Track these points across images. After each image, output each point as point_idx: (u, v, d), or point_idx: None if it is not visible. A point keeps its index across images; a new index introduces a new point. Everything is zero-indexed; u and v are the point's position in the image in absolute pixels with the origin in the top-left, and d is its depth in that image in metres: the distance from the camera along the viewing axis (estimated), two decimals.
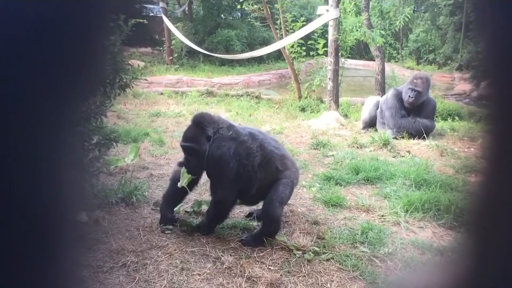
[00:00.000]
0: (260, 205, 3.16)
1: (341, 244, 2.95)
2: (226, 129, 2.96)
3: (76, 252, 0.46)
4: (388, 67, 10.16)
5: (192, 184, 3.16)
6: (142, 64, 9.80)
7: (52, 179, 0.42)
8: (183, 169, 3.02)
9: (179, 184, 3.03)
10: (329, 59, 7.79)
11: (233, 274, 2.55)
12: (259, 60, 14.78)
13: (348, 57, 9.14)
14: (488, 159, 0.42)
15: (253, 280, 2.50)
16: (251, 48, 13.88)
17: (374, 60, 9.03)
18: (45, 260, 0.42)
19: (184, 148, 2.98)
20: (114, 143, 3.32)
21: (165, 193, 3.25)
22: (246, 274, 2.54)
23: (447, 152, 5.22)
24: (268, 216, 2.93)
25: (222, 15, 16.64)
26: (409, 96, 6.01)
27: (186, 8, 16.23)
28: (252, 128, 3.20)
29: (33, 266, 0.41)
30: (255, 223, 3.23)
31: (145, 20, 3.69)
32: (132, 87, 3.41)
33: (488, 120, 0.41)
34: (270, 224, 2.93)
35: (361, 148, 5.54)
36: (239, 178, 2.94)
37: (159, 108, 7.79)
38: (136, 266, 2.58)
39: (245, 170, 2.93)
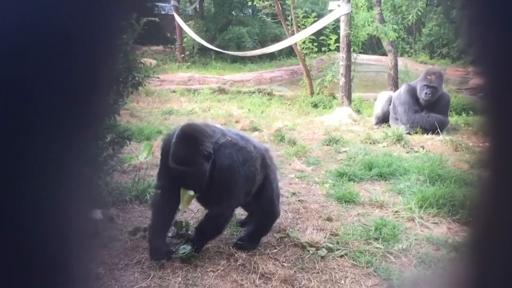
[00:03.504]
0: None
1: (354, 241, 2.94)
2: (222, 138, 2.66)
3: (92, 249, 0.46)
4: (401, 61, 10.07)
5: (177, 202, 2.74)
6: (154, 62, 9.87)
7: (67, 177, 0.42)
8: (183, 189, 2.61)
9: (181, 207, 2.70)
10: (341, 55, 7.74)
11: (247, 271, 2.56)
12: (271, 56, 14.74)
13: (360, 52, 9.07)
14: (488, 155, 0.42)
15: (267, 277, 2.50)
16: (263, 44, 13.86)
17: (386, 55, 8.95)
18: (61, 258, 0.43)
19: (182, 173, 2.53)
20: (127, 141, 3.34)
21: (151, 223, 2.76)
22: (259, 271, 2.54)
23: (462, 147, 5.16)
24: (270, 215, 2.90)
25: (233, 12, 16.60)
26: (426, 93, 5.94)
27: (197, 6, 16.24)
28: (226, 129, 2.98)
29: (49, 264, 0.41)
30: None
31: (157, 18, 3.70)
32: (145, 85, 3.43)
33: (483, 111, 0.41)
34: (272, 222, 2.93)
35: (374, 143, 5.51)
36: (246, 185, 2.73)
37: (171, 106, 7.82)
38: (150, 263, 2.60)
39: (251, 175, 2.73)
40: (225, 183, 2.63)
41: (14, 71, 0.36)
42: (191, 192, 2.61)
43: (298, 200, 3.61)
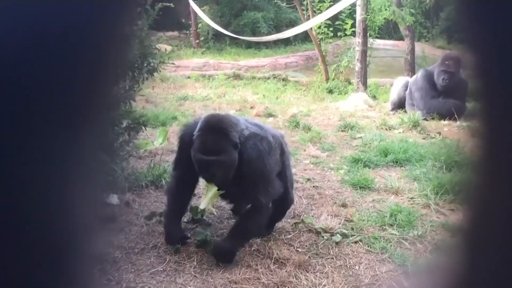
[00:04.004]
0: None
1: (369, 227, 2.93)
2: (246, 129, 2.59)
3: (109, 233, 0.47)
4: (418, 46, 9.91)
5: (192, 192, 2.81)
6: (169, 48, 9.88)
7: (84, 163, 0.43)
8: (207, 185, 2.57)
9: (202, 206, 2.63)
10: (357, 40, 7.66)
11: (261, 256, 2.58)
12: (286, 42, 14.62)
13: (377, 37, 8.96)
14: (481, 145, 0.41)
15: (281, 262, 2.52)
16: (278, 30, 13.74)
17: (403, 40, 8.83)
18: (78, 243, 0.44)
19: (211, 163, 2.46)
20: (143, 127, 3.36)
21: (167, 209, 2.76)
22: (274, 256, 2.56)
23: (479, 134, 5.08)
24: (285, 203, 2.87)
25: None
26: (443, 79, 5.86)
27: None
28: (244, 118, 2.93)
29: (66, 249, 0.42)
30: None
31: (171, 4, 3.69)
32: (160, 71, 3.43)
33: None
34: (286, 209, 2.93)
35: (390, 129, 5.46)
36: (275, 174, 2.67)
37: (186, 91, 7.84)
38: (166, 248, 2.63)
39: (275, 163, 2.67)
40: (259, 175, 2.54)
41: (31, 56, 0.36)
42: (215, 189, 2.53)
43: (313, 186, 3.61)
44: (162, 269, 2.45)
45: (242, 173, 2.53)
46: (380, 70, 10.95)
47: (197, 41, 13.61)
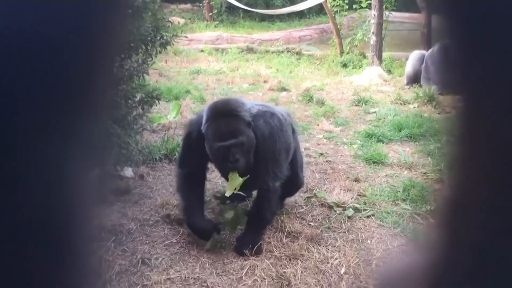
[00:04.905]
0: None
1: (382, 201, 2.94)
2: (254, 107, 2.46)
3: (123, 206, 0.48)
4: (435, 19, 9.71)
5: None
6: (182, 21, 9.81)
7: (100, 136, 0.43)
8: (232, 174, 2.37)
9: (228, 193, 2.43)
10: (373, 12, 7.52)
11: (274, 229, 2.60)
12: (300, 15, 14.44)
13: (393, 10, 8.80)
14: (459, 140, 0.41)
15: (294, 236, 2.54)
16: (292, 2, 13.54)
17: (420, 13, 8.65)
18: (93, 214, 0.44)
19: (233, 146, 2.28)
20: (156, 101, 3.37)
21: (186, 207, 2.53)
22: (286, 230, 2.58)
23: None
24: (295, 186, 2.82)
25: None
26: None
27: None
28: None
29: (81, 220, 0.43)
30: None
31: None
32: (173, 44, 3.42)
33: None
34: (295, 191, 2.87)
35: (404, 104, 5.41)
36: (287, 154, 2.55)
37: (199, 65, 7.81)
38: (180, 220, 2.66)
39: (288, 141, 2.56)
40: (270, 154, 2.41)
41: (42, 31, 0.36)
42: (239, 179, 2.35)
43: (326, 161, 3.61)
44: (176, 240, 2.49)
45: (257, 153, 2.40)
46: (396, 43, 10.77)
47: (210, 14, 13.49)
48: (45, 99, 0.37)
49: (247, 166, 2.35)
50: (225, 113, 2.34)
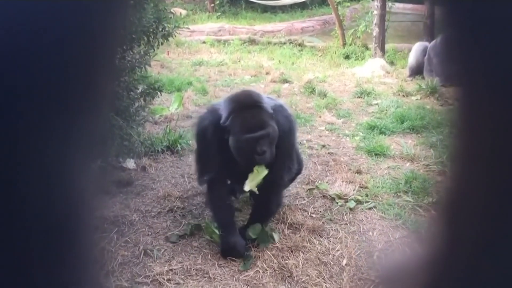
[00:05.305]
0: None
1: (384, 193, 2.94)
2: (269, 100, 2.43)
3: (126, 197, 0.48)
4: (438, 10, 9.65)
5: None
6: (184, 12, 9.76)
7: (102, 128, 0.43)
8: (258, 166, 2.29)
9: (247, 188, 2.33)
10: (376, 3, 7.48)
11: (276, 221, 2.61)
12: (302, 6, 14.35)
13: (396, 1, 8.75)
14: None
15: (295, 227, 2.55)
16: None
17: (423, 4, 8.60)
18: (95, 205, 0.44)
19: (261, 138, 2.22)
20: (158, 92, 3.37)
21: (222, 221, 2.40)
22: (288, 221, 2.59)
23: None
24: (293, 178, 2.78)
25: None
26: None
27: None
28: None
29: (86, 209, 0.43)
30: None
31: None
32: (175, 36, 3.40)
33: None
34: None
35: (407, 96, 5.39)
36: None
37: (201, 57, 7.80)
38: (182, 212, 2.67)
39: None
40: (289, 148, 2.40)
41: (46, 21, 0.36)
42: (265, 171, 2.30)
43: (328, 153, 3.61)
44: (178, 232, 2.50)
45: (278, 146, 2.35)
46: (399, 35, 10.71)
47: (212, 5, 13.42)
48: (46, 91, 0.37)
49: (272, 159, 2.28)
50: (249, 105, 2.28)
